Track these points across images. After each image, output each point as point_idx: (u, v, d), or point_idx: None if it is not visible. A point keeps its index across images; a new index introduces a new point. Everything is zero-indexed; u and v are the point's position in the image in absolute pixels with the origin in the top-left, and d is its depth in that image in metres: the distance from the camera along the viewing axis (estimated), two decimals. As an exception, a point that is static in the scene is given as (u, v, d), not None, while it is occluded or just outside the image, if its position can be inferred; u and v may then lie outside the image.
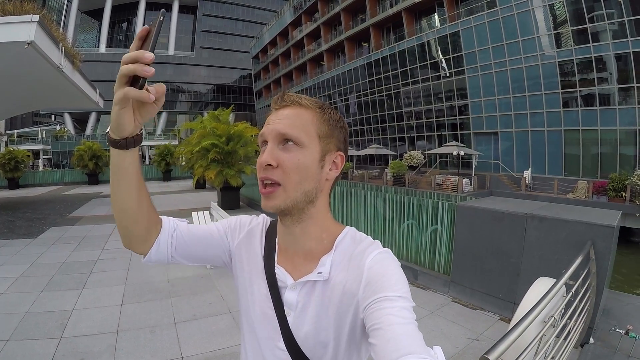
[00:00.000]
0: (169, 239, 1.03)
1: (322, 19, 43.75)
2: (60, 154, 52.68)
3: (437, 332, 4.13)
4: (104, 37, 72.84)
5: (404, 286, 0.84)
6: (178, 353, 3.90)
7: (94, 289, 5.97)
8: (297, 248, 0.99)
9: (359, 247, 0.95)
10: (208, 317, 4.74)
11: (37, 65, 11.58)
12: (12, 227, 11.69)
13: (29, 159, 28.16)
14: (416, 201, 6.20)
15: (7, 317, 4.86)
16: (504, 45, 24.78)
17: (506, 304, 4.46)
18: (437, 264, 5.76)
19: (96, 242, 9.31)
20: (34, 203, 18.19)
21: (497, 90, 25.59)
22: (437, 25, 29.76)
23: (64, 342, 4.16)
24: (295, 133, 0.90)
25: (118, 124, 0.82)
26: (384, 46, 34.72)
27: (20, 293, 5.83)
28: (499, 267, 4.60)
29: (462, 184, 22.05)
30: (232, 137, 13.30)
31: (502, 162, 25.80)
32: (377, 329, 0.76)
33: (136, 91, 0.77)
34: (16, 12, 10.27)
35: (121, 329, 4.48)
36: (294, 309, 0.96)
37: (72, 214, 14.13)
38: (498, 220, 4.65)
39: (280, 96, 0.96)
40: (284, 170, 0.89)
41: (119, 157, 0.87)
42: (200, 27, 76.55)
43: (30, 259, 7.83)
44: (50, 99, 18.46)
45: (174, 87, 75.34)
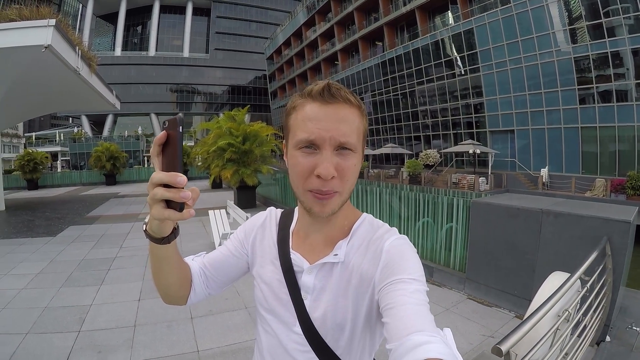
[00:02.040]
0: (200, 281, 1.11)
1: (335, 18, 43.65)
2: (78, 156, 53.31)
3: (452, 329, 4.06)
4: (119, 40, 73.83)
5: (419, 270, 0.87)
6: (194, 347, 3.95)
7: (112, 285, 6.07)
8: (319, 235, 1.02)
9: (377, 232, 0.98)
10: (224, 313, 4.78)
11: (54, 68, 11.80)
12: (31, 226, 11.91)
13: (48, 160, 28.70)
14: (431, 198, 6.18)
15: (27, 312, 4.97)
16: (518, 41, 24.42)
17: (521, 301, 4.41)
18: (452, 262, 5.73)
19: (114, 240, 9.44)
20: (53, 203, 18.48)
21: (513, 87, 25.25)
22: (451, 23, 29.47)
23: (82, 336, 4.24)
24: (354, 140, 0.88)
25: (159, 230, 0.85)
26: (398, 45, 34.52)
27: (39, 289, 5.95)
28: (514, 264, 4.56)
29: (478, 182, 21.81)
30: (248, 136, 13.36)
31: (519, 161, 25.47)
32: (390, 308, 0.79)
33: (178, 215, 0.75)
34: (32, 16, 10.46)
35: (138, 323, 4.56)
36: (311, 292, 0.98)
37: (90, 214, 14.31)
38: (513, 216, 4.60)
39: (327, 88, 0.88)
40: (341, 178, 0.88)
41: (160, 250, 0.91)
42: (214, 29, 77.02)
43: (50, 256, 7.98)
44: (67, 101, 18.77)
45: (189, 88, 76.06)
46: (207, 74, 76.86)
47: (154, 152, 0.76)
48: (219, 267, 1.12)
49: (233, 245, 1.15)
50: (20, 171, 26.26)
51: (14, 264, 7.42)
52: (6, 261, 7.65)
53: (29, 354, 3.86)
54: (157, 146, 0.76)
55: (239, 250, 1.14)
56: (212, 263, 1.12)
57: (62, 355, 3.82)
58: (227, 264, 1.13)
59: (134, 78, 71.24)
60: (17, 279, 6.46)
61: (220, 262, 1.13)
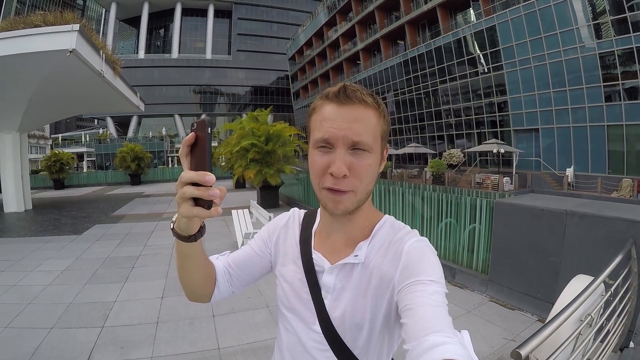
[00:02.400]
0: (224, 279, 1.13)
1: (356, 18, 43.60)
2: (103, 156, 54.50)
3: (474, 332, 4.05)
4: (142, 43, 75.02)
5: (438, 272, 0.87)
6: (215, 344, 3.99)
7: (135, 282, 6.17)
8: (340, 235, 1.03)
9: (398, 234, 0.98)
10: (246, 311, 4.81)
11: (79, 71, 12.09)
12: (58, 224, 12.17)
13: (74, 161, 29.43)
14: (454, 199, 6.10)
15: (52, 307, 5.09)
16: (542, 38, 23.96)
17: (544, 304, 4.30)
18: (475, 263, 5.65)
19: (138, 238, 9.59)
20: (79, 202, 18.87)
21: (537, 85, 24.78)
22: (473, 20, 29.08)
23: (105, 331, 4.32)
24: (367, 140, 0.88)
25: (187, 228, 0.87)
26: (420, 43, 34.28)
27: (65, 285, 6.08)
28: (538, 266, 4.47)
29: (502, 182, 21.53)
30: (271, 137, 13.41)
31: (544, 160, 25.04)
32: (409, 309, 0.79)
33: (206, 213, 0.77)
34: (57, 22, 10.73)
35: (161, 320, 4.62)
36: (331, 292, 1.00)
37: (115, 213, 14.55)
38: (537, 217, 4.51)
39: (342, 90, 0.90)
40: (355, 177, 0.89)
41: (187, 248, 0.93)
42: (236, 31, 77.54)
43: (75, 253, 8.14)
44: (92, 103, 19.17)
45: (212, 89, 76.75)
46: (229, 75, 77.42)
47: (182, 152, 0.80)
48: (242, 266, 1.15)
49: (257, 245, 1.17)
50: (47, 171, 26.98)
51: (40, 261, 7.59)
52: (33, 258, 7.83)
53: (53, 348, 3.95)
54: (185, 147, 0.79)
55: (263, 249, 1.16)
56: (236, 262, 1.15)
57: (85, 349, 3.90)
58: (251, 263, 1.16)
59: (158, 80, 72.23)
60: (43, 275, 6.61)
61: (244, 261, 1.15)
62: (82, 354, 3.81)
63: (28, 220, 13.49)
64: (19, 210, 15.44)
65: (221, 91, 78.07)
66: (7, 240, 9.91)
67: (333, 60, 51.77)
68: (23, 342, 4.09)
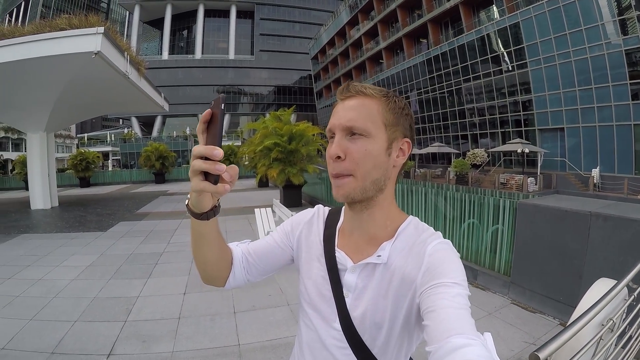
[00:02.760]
0: (241, 266, 1.14)
1: (378, 16, 43.24)
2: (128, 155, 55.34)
3: (494, 334, 3.97)
4: (165, 44, 75.99)
5: (461, 275, 0.86)
6: (235, 340, 4.03)
7: (158, 278, 6.28)
8: (362, 232, 1.03)
9: (421, 236, 0.99)
10: (266, 309, 4.85)
11: (104, 73, 12.33)
12: (83, 221, 12.44)
13: (99, 159, 30.09)
14: (477, 199, 6.03)
15: (76, 301, 5.22)
16: (566, 34, 23.33)
17: (567, 308, 4.20)
18: (497, 265, 5.56)
19: (162, 236, 9.72)
20: (104, 200, 19.22)
21: (562, 83, 24.16)
22: (496, 17, 28.53)
23: (127, 325, 4.42)
24: (361, 124, 0.92)
25: (198, 204, 0.89)
26: (443, 41, 33.83)
27: (89, 280, 6.24)
28: (561, 269, 4.39)
29: (527, 183, 21.13)
30: (293, 136, 13.43)
31: (569, 160, 24.46)
32: (431, 311, 0.79)
33: (212, 187, 0.79)
34: (82, 25, 10.96)
35: (183, 315, 4.69)
36: (353, 291, 1.00)
37: (140, 210, 14.77)
38: (560, 218, 4.43)
39: (345, 87, 0.98)
40: (352, 161, 0.92)
41: (200, 226, 0.95)
42: (258, 31, 77.84)
43: (100, 250, 8.32)
44: (118, 103, 19.49)
45: (236, 89, 77.23)
46: (252, 75, 77.82)
47: (199, 129, 0.83)
48: (262, 255, 1.16)
49: (279, 236, 1.19)
50: (73, 170, 27.62)
51: (66, 256, 7.79)
52: (59, 254, 8.03)
53: (77, 341, 4.05)
54: (202, 124, 0.81)
55: (284, 241, 1.18)
56: (256, 251, 1.16)
57: (108, 343, 3.99)
58: (271, 254, 1.17)
59: (182, 80, 73.07)
60: (69, 270, 6.78)
61: (263, 251, 1.17)
62: (104, 347, 3.90)
63: (54, 217, 13.78)
64: (45, 207, 15.81)
65: (244, 91, 78.50)
66: (34, 236, 10.15)
67: (356, 60, 51.47)
68: (47, 334, 4.21)
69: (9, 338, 4.12)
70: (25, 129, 16.02)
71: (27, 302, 5.21)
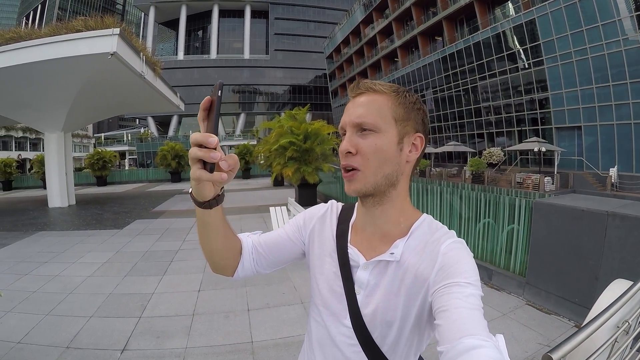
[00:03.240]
0: (251, 257, 1.14)
1: (393, 15, 43.05)
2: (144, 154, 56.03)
3: (508, 335, 3.95)
4: (181, 45, 76.48)
5: (475, 275, 0.86)
6: (249, 337, 4.05)
7: (173, 275, 6.33)
8: (375, 229, 1.03)
9: (435, 234, 0.98)
10: (280, 307, 4.86)
11: (121, 73, 12.48)
12: (100, 219, 12.59)
13: (116, 159, 30.42)
14: (493, 198, 5.96)
15: (92, 297, 5.30)
16: (583, 31, 22.93)
17: (582, 309, 4.13)
18: (512, 265, 5.49)
19: (177, 233, 9.79)
20: (120, 198, 19.38)
21: (579, 80, 23.77)
22: (512, 14, 28.22)
23: (142, 321, 4.47)
24: (370, 119, 0.93)
25: (199, 192, 0.88)
26: (458, 39, 33.57)
27: (105, 276, 6.32)
28: (576, 270, 4.32)
29: (543, 182, 20.88)
30: (309, 135, 13.40)
31: (586, 159, 24.06)
32: (444, 310, 0.79)
33: (208, 175, 0.80)
34: (98, 26, 11.11)
35: (197, 312, 4.73)
36: (364, 288, 1.00)
37: (156, 209, 14.84)
38: (577, 218, 4.35)
39: (356, 84, 0.99)
40: (362, 156, 0.93)
41: (203, 214, 0.94)
42: (273, 31, 77.88)
43: (116, 247, 8.42)
44: (134, 103, 19.72)
45: (251, 89, 77.53)
46: (268, 75, 77.95)
47: (200, 117, 0.82)
48: (272, 246, 1.16)
49: (291, 230, 1.19)
50: (90, 169, 27.95)
51: (82, 253, 7.90)
52: (76, 250, 8.15)
53: (91, 335, 4.12)
54: (202, 111, 0.81)
55: (296, 235, 1.18)
56: (267, 242, 1.17)
57: (122, 338, 4.05)
58: (281, 246, 1.17)
59: (197, 80, 73.40)
60: (85, 267, 6.87)
61: (274, 243, 1.17)
62: (118, 342, 3.96)
63: (71, 215, 13.95)
64: (62, 205, 16.03)
65: (260, 90, 78.70)
66: (51, 233, 10.30)
67: (371, 58, 51.31)
68: (63, 329, 4.28)
69: (25, 332, 4.20)
70: (43, 129, 16.25)
71: (43, 298, 5.30)
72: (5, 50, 11.19)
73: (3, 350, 3.83)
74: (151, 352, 3.78)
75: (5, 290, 5.15)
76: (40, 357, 3.70)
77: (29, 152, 51.82)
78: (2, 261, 7.16)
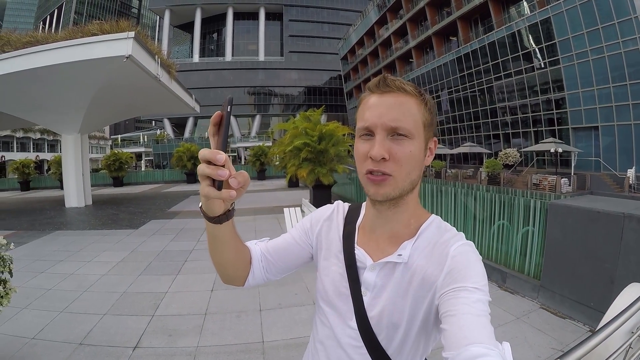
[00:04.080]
0: (260, 265, 1.14)
1: (407, 15, 42.92)
2: (160, 156, 56.53)
3: (521, 339, 3.90)
4: (196, 47, 77.12)
5: (483, 279, 0.85)
6: (260, 337, 4.06)
7: (187, 275, 6.37)
8: (384, 230, 1.02)
9: (444, 236, 0.97)
10: (292, 307, 4.86)
11: (136, 76, 12.65)
12: (116, 219, 12.73)
13: (132, 160, 30.75)
14: (507, 200, 5.88)
15: (106, 295, 5.38)
16: (599, 29, 22.58)
17: (597, 314, 4.02)
18: (527, 267, 5.41)
19: (192, 234, 9.84)
20: (136, 199, 19.57)
21: (596, 80, 23.41)
22: (527, 13, 27.94)
23: (155, 320, 4.51)
24: (406, 125, 0.89)
25: (208, 208, 0.87)
26: (473, 39, 33.35)
27: (120, 275, 6.40)
28: (592, 273, 4.23)
29: (560, 183, 20.61)
30: (323, 136, 13.35)
31: (604, 160, 23.70)
32: (451, 315, 0.79)
33: (216, 193, 0.79)
34: (113, 30, 11.29)
35: (209, 312, 4.75)
36: (371, 289, 0.99)
37: (171, 209, 14.96)
38: (593, 220, 4.26)
39: (382, 80, 0.93)
40: (396, 162, 0.90)
41: (214, 229, 0.93)
42: (287, 33, 78.08)
43: (131, 246, 8.51)
44: (150, 105, 19.94)
45: (266, 91, 77.74)
46: (282, 76, 78.10)
47: (210, 131, 0.81)
48: (281, 253, 1.15)
49: (298, 234, 1.18)
50: (107, 170, 28.27)
51: (98, 252, 8.00)
52: (91, 250, 8.26)
53: (104, 333, 4.17)
54: (212, 126, 0.81)
55: (303, 239, 1.17)
56: (275, 249, 1.15)
57: (135, 335, 4.09)
58: (290, 252, 1.16)
59: (213, 82, 73.86)
60: (100, 265, 6.97)
61: (282, 249, 1.16)
62: (131, 340, 4.00)
63: (88, 214, 14.13)
64: (79, 205, 16.27)
65: (275, 92, 78.84)
66: (68, 232, 10.45)
67: (385, 59, 51.16)
68: (76, 326, 4.35)
69: (40, 328, 4.27)
70: (60, 131, 16.49)
71: (58, 295, 5.38)
72: (22, 54, 11.41)
73: (17, 346, 3.89)
74: (163, 350, 3.81)
75: (21, 287, 5.18)
76: (54, 353, 3.75)
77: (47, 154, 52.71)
78: (19, 259, 7.21)
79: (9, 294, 3.05)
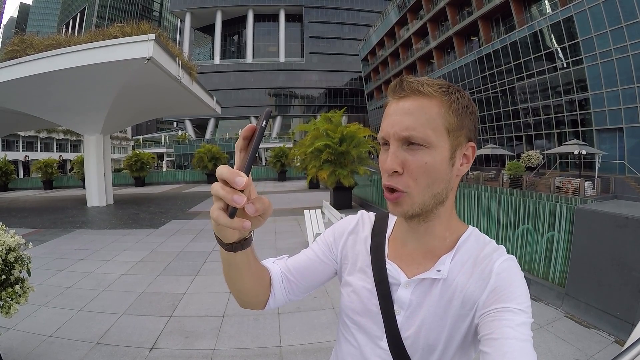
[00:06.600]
0: (281, 286, 1.04)
1: (427, 15, 42.57)
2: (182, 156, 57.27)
3: (544, 349, 3.77)
4: (217, 49, 78.14)
5: (527, 300, 0.80)
6: (277, 342, 4.00)
7: (206, 276, 6.36)
8: (418, 245, 0.94)
9: (484, 250, 0.90)
10: (311, 311, 4.80)
11: (157, 77, 12.84)
12: (136, 219, 12.89)
13: (154, 160, 31.21)
14: (532, 204, 5.73)
15: (124, 295, 5.41)
16: (622, 27, 21.90)
17: (624, 324, 3.89)
18: (551, 274, 5.25)
19: (212, 235, 9.45)
20: (157, 199, 19.81)
21: (620, 79, 22.74)
22: (548, 11, 27.32)
23: (172, 321, 4.51)
24: (420, 134, 0.80)
25: (219, 234, 0.76)
26: (494, 39, 32.82)
27: (138, 275, 6.44)
28: (619, 282, 4.06)
29: (583, 187, 20.17)
30: (344, 138, 13.34)
31: (628, 163, 23.03)
32: (494, 339, 0.73)
33: (226, 220, 0.66)
34: (134, 33, 11.48)
35: (227, 314, 4.72)
36: (406, 308, 0.91)
37: (192, 209, 15.04)
38: (620, 226, 4.10)
39: (399, 83, 0.84)
40: (410, 175, 0.81)
41: (229, 256, 0.81)
42: (307, 34, 78.43)
43: (151, 246, 8.57)
44: (171, 106, 20.22)
45: (287, 92, 78.34)
46: (303, 78, 78.49)
47: (238, 145, 0.69)
48: (303, 271, 1.06)
49: (320, 249, 1.09)
50: (129, 170, 28.85)
51: (117, 251, 8.08)
52: (111, 249, 8.35)
53: (121, 332, 4.18)
54: (242, 139, 0.69)
55: (327, 254, 1.08)
56: (297, 267, 1.06)
57: (152, 336, 4.09)
58: (313, 269, 1.07)
59: (234, 84, 74.64)
60: (119, 265, 7.03)
61: (305, 267, 1.06)
62: (148, 340, 4.00)
63: (109, 214, 14.35)
64: (101, 204, 16.54)
65: (295, 93, 79.38)
66: (88, 231, 10.62)
67: (406, 60, 50.79)
68: (94, 324, 4.38)
69: (57, 326, 4.32)
70: (83, 132, 16.78)
71: (77, 294, 5.44)
72: (45, 57, 11.63)
73: (34, 343, 3.93)
74: (179, 351, 3.80)
75: (40, 285, 5.28)
76: (70, 351, 3.77)
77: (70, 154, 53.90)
78: (40, 257, 7.34)
79: (26, 292, 3.06)
